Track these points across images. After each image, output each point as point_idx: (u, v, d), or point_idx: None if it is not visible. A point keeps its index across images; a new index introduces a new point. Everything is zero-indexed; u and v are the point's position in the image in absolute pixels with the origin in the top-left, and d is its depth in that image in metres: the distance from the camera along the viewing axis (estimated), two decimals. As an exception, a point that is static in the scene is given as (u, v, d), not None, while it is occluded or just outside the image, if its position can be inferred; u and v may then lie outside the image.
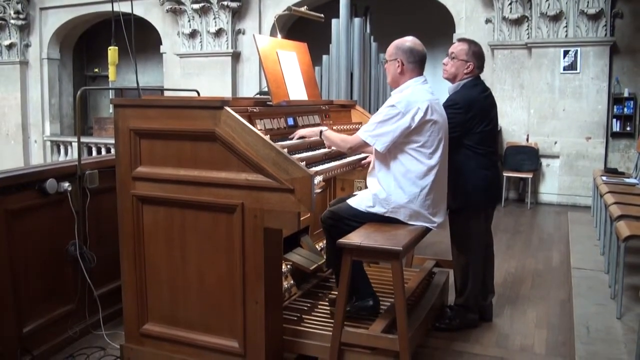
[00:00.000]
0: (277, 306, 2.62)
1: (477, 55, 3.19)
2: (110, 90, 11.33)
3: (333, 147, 3.01)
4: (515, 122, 7.96)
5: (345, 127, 3.51)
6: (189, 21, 9.96)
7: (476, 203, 3.18)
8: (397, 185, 2.74)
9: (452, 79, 3.23)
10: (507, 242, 5.49)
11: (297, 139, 2.90)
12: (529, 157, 7.56)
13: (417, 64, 2.82)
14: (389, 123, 2.68)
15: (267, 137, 2.36)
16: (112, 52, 3.23)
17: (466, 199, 3.14)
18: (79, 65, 12.91)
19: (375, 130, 2.71)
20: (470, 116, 3.07)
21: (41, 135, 11.70)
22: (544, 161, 7.70)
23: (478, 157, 3.13)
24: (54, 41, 11.56)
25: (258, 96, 3.65)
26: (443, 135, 2.81)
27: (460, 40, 3.30)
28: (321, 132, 2.94)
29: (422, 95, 2.75)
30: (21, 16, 11.32)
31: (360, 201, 2.83)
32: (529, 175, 7.51)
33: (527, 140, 7.77)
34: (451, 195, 3.01)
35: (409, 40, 2.86)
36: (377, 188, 2.80)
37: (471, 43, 3.23)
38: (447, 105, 3.06)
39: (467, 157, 3.10)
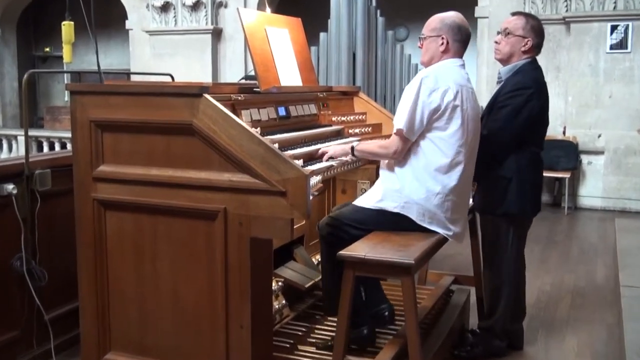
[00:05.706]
0: (266, 331, 2.64)
1: (536, 31, 3.20)
2: (65, 74, 11.32)
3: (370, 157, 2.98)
4: (549, 112, 7.97)
5: (346, 119, 3.52)
6: (160, -9, 9.99)
7: (524, 209, 3.20)
8: (415, 178, 2.75)
9: (506, 59, 3.24)
10: (540, 254, 5.52)
11: (326, 160, 2.87)
12: (566, 154, 7.59)
13: (462, 43, 2.87)
14: (416, 102, 2.69)
15: (254, 130, 2.38)
16: (67, 28, 3.25)
17: (513, 204, 3.15)
18: (24, 43, 12.91)
19: (401, 113, 2.72)
20: (541, 104, 3.14)
21: (-21, 128, 11.70)
22: (584, 158, 7.73)
23: (532, 156, 3.20)
24: (-6, 15, 11.57)
25: (243, 81, 3.67)
26: (473, 129, 2.84)
27: (515, 13, 3.32)
28: (352, 148, 2.89)
29: (455, 76, 2.78)
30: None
31: (367, 198, 2.86)
32: (567, 175, 7.54)
33: (564, 133, 7.81)
34: (490, 197, 3.04)
35: (454, 15, 2.89)
36: (390, 179, 2.81)
37: (529, 16, 3.26)
38: (511, 90, 3.11)
39: (520, 155, 3.15)
